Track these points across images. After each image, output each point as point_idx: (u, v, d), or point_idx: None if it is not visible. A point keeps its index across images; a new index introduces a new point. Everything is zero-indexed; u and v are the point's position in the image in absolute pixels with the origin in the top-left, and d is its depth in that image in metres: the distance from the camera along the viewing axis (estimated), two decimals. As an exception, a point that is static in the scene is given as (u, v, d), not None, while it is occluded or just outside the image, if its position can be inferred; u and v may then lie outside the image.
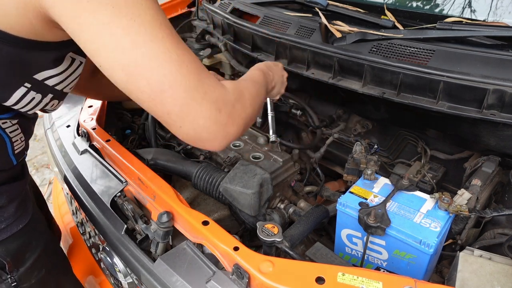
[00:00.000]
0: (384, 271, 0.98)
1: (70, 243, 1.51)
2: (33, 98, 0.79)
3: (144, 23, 0.62)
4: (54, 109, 0.93)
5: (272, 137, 1.20)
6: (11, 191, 0.87)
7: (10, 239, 0.87)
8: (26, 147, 0.94)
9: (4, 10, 0.65)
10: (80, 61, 0.84)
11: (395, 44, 1.15)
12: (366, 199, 0.98)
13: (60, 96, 0.87)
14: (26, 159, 1.00)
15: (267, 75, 1.02)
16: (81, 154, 1.24)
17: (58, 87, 0.83)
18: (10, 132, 0.84)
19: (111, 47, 0.61)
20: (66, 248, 1.49)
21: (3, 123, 0.81)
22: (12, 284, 0.91)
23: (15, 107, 0.79)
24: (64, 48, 0.76)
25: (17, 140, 0.87)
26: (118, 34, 0.60)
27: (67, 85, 0.85)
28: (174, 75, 0.63)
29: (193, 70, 0.66)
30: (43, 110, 0.90)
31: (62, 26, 0.64)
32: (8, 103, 0.77)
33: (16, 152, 0.88)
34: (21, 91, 0.76)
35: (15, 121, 0.84)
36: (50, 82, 0.80)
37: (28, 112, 0.83)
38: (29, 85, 0.76)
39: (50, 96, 0.83)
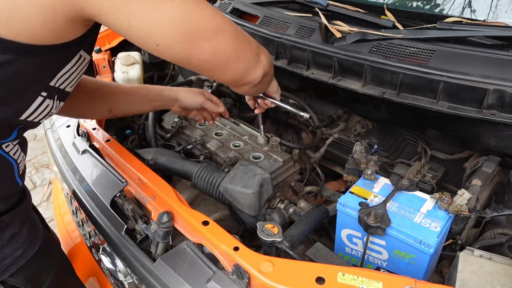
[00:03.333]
0: (384, 271, 0.98)
1: (72, 246, 1.51)
2: (47, 106, 0.79)
3: None
4: (55, 111, 0.90)
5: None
6: (21, 213, 0.86)
7: (27, 264, 0.86)
8: (25, 167, 0.93)
9: (28, 21, 0.62)
10: (84, 58, 0.82)
11: (395, 44, 1.14)
12: (366, 199, 0.98)
13: (63, 96, 0.85)
14: (26, 159, 0.99)
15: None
16: (81, 154, 1.24)
17: (62, 86, 0.81)
18: (14, 154, 0.83)
19: (167, 22, 0.67)
20: (67, 250, 1.49)
21: (6, 146, 0.79)
22: None
23: (29, 118, 0.77)
24: (77, 45, 0.75)
25: (21, 160, 0.86)
26: (168, 8, 0.66)
27: (70, 83, 0.83)
28: (221, 25, 0.75)
29: (230, 21, 0.79)
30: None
31: (99, 19, 0.66)
32: (24, 115, 0.75)
33: (20, 173, 0.87)
34: (38, 101, 0.75)
35: (15, 142, 0.83)
36: (58, 83, 0.78)
37: (34, 120, 0.80)
38: (45, 94, 0.75)
39: (56, 96, 0.82)
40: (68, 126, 1.41)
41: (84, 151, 1.24)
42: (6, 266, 0.81)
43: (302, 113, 1.19)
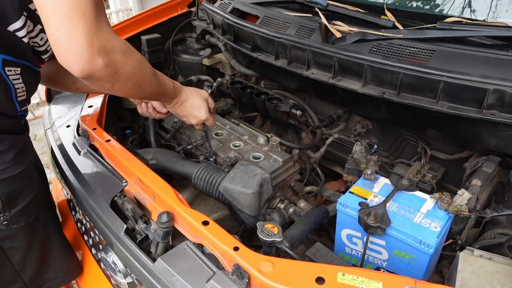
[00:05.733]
0: (384, 271, 0.98)
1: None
2: (29, 27, 0.91)
3: None
4: (45, 49, 1.00)
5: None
6: (11, 141, 0.97)
7: (7, 181, 0.97)
8: (28, 100, 1.04)
9: None
10: None
11: (395, 44, 1.14)
12: (366, 199, 0.98)
13: None
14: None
15: (176, 92, 1.15)
16: (81, 154, 1.24)
17: None
18: (13, 80, 0.94)
19: None
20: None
21: (8, 70, 0.92)
22: (3, 223, 1.00)
23: (19, 33, 0.89)
24: None
25: (19, 88, 0.97)
26: None
27: None
28: None
29: (99, 2, 0.76)
30: (38, 54, 0.99)
31: None
32: (16, 25, 0.87)
33: (19, 99, 0.98)
34: (22, 19, 0.88)
35: (18, 71, 0.95)
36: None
37: (24, 40, 0.92)
38: (26, 14, 0.88)
39: (39, 27, 0.94)
40: (68, 126, 1.41)
41: (84, 151, 1.24)
42: None
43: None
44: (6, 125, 0.97)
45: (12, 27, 0.87)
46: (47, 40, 0.99)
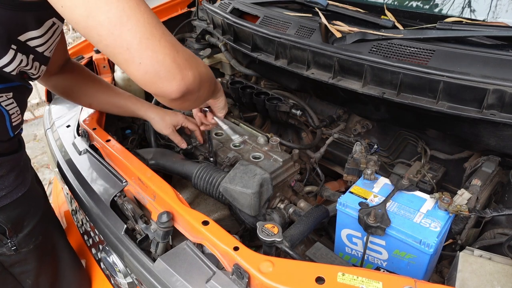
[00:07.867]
0: (384, 271, 0.98)
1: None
2: (21, 60, 0.84)
3: None
4: (39, 75, 0.96)
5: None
6: (10, 162, 0.93)
7: (11, 206, 0.93)
8: (22, 121, 0.99)
9: None
10: (58, 26, 0.90)
11: (395, 44, 1.15)
12: (366, 199, 0.98)
13: (40, 59, 0.91)
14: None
15: (219, 84, 1.08)
16: (81, 154, 1.24)
17: (39, 49, 0.88)
18: (6, 106, 0.89)
19: None
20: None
21: None
22: (12, 248, 0.97)
23: (5, 69, 0.82)
24: (45, 9, 0.78)
25: (14, 113, 0.92)
26: None
27: (47, 48, 0.91)
28: (133, 10, 0.67)
29: (150, 13, 0.71)
30: (28, 76, 0.94)
31: None
32: (3, 61, 0.80)
33: (13, 124, 0.93)
34: (10, 53, 0.80)
35: (9, 95, 0.89)
36: (32, 43, 0.85)
37: (12, 73, 0.86)
38: (15, 47, 0.81)
39: (31, 57, 0.87)
40: (68, 126, 1.41)
41: (84, 151, 1.24)
42: None
43: (233, 137, 1.20)
44: (3, 149, 0.91)
45: (2, 62, 0.80)
46: (40, 68, 0.93)
